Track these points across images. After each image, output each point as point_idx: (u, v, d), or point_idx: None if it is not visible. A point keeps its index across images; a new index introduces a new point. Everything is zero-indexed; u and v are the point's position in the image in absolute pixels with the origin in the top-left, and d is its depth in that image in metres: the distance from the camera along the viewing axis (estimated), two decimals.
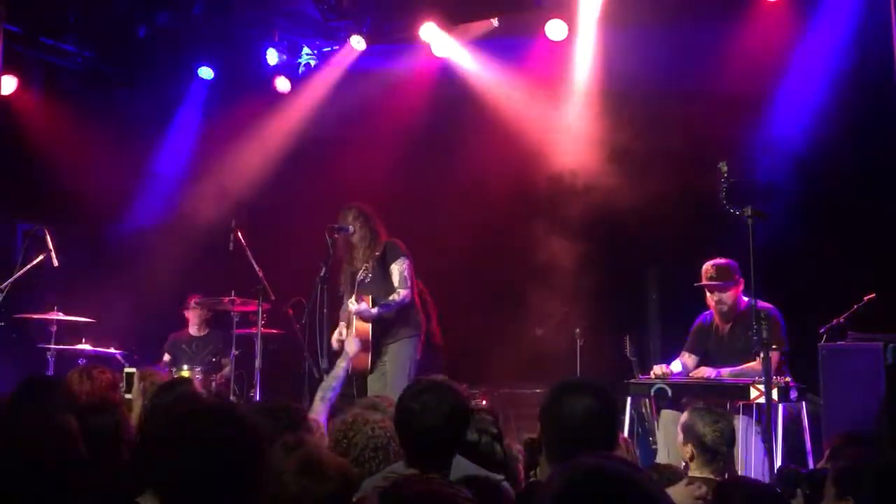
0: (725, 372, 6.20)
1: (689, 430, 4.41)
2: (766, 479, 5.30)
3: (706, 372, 6.26)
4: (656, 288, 8.71)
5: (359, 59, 9.37)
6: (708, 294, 6.49)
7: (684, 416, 4.55)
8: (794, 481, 4.20)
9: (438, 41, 8.93)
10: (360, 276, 6.74)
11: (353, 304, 6.73)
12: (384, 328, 6.89)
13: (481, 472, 3.24)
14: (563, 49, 8.67)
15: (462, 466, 3.34)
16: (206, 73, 9.74)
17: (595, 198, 8.26)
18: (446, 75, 9.20)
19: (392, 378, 6.76)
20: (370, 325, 6.83)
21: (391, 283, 6.91)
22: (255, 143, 9.76)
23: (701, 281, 6.44)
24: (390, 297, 6.86)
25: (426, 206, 8.96)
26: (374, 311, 6.79)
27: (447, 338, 7.51)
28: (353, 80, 9.48)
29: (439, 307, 7.46)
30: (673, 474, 3.66)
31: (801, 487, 3.77)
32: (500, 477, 3.39)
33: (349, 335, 6.72)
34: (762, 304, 5.89)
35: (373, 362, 6.89)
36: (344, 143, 9.53)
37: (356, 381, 6.69)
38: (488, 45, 8.98)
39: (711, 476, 4.23)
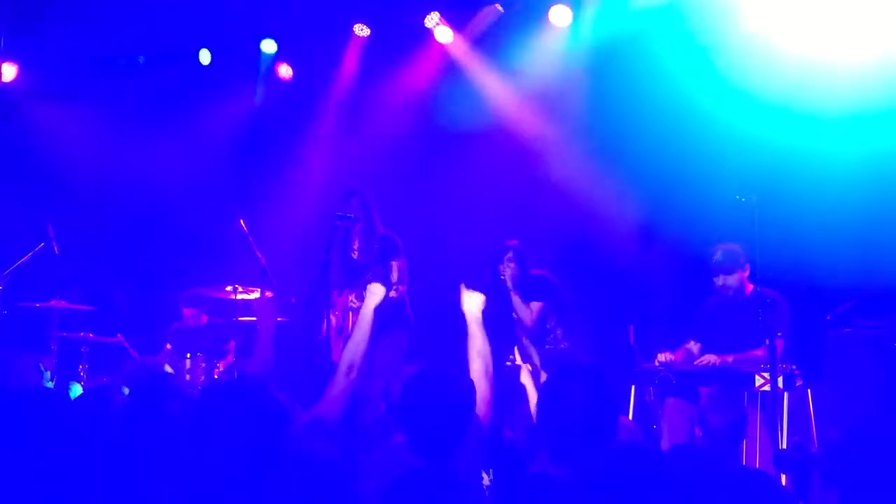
0: (731, 359, 6.11)
1: None
2: (771, 468, 5.25)
3: (711, 359, 6.20)
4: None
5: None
6: (714, 278, 6.44)
7: None
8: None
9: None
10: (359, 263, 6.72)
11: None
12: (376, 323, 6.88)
13: None
14: None
15: None
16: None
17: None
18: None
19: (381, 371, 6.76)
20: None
21: (389, 279, 6.90)
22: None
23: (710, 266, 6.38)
24: (389, 293, 6.86)
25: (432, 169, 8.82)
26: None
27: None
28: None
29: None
30: None
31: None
32: None
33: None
34: (768, 291, 5.81)
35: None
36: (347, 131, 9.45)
37: None
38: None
39: None
